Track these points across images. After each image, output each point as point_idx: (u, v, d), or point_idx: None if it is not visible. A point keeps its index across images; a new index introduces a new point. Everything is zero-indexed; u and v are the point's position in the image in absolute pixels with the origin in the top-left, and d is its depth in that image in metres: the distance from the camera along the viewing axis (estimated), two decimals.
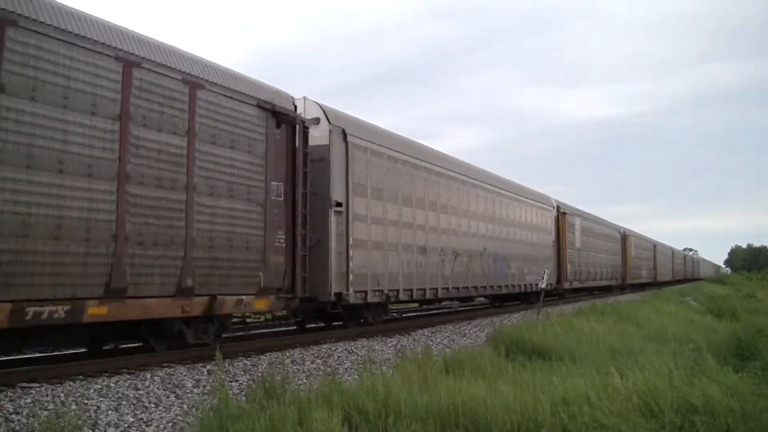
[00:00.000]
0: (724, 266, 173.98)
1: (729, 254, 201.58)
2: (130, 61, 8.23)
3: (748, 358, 10.43)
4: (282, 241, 10.51)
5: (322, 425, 5.25)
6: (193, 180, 8.98)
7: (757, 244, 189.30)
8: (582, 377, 7.10)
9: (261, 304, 10.26)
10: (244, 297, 9.82)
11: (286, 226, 10.59)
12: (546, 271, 19.89)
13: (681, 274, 73.91)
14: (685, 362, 7.82)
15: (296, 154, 10.93)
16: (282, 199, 10.57)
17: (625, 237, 41.60)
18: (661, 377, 6.67)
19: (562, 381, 6.90)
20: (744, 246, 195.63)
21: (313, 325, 14.04)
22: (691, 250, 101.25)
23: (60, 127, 7.35)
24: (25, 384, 7.05)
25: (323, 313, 12.96)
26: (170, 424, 6.31)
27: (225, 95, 9.68)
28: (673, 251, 69.10)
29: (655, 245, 55.65)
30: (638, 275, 45.51)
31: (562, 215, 27.86)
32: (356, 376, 7.98)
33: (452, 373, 7.75)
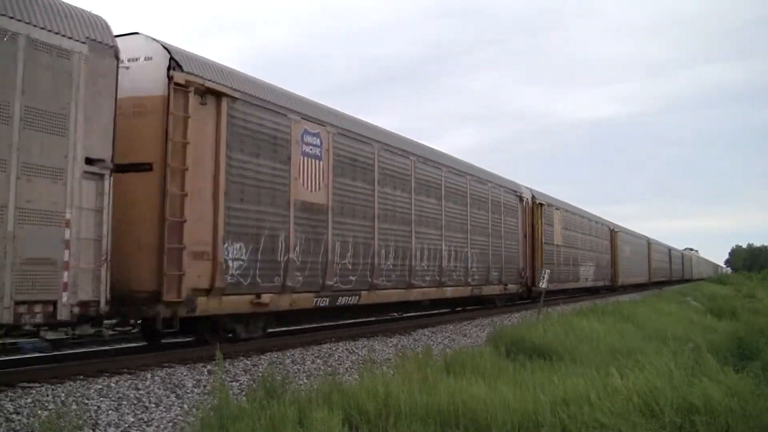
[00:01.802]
0: (724, 266, 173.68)
1: (730, 254, 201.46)
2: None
3: (748, 357, 10.42)
4: None
5: (323, 425, 5.25)
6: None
7: (757, 243, 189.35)
8: (582, 377, 7.10)
9: None
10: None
11: None
12: (547, 271, 19.84)
13: (664, 274, 55.94)
14: (685, 362, 7.81)
15: None
16: None
17: (535, 207, 23.24)
18: (662, 377, 6.66)
19: (562, 381, 6.90)
20: (744, 246, 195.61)
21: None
22: (691, 249, 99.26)
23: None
24: (25, 384, 7.05)
25: None
26: (171, 424, 6.32)
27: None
28: (649, 243, 50.37)
29: (613, 230, 37.26)
30: (571, 276, 27.27)
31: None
32: (357, 376, 7.98)
33: (453, 373, 7.75)
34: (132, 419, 6.32)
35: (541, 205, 23.90)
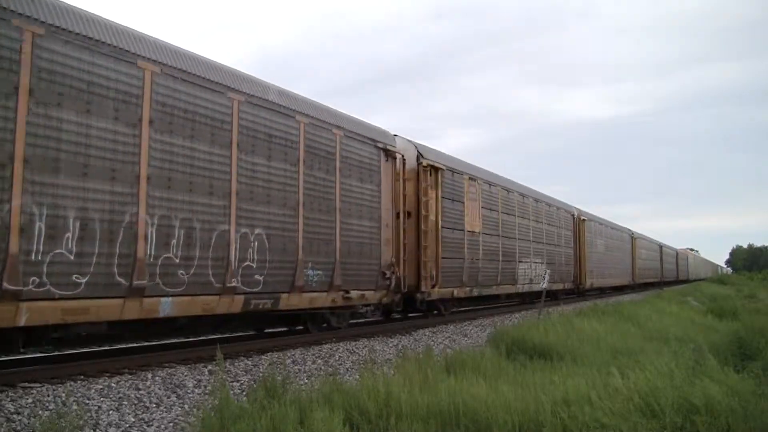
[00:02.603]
0: (724, 266, 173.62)
1: (730, 254, 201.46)
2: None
3: (749, 358, 10.42)
4: None
5: (323, 425, 5.25)
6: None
7: (758, 243, 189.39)
8: (583, 377, 7.10)
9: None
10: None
11: None
12: (548, 271, 19.82)
13: (653, 275, 49.51)
14: (686, 362, 7.81)
15: None
16: None
17: (424, 172, 14.98)
18: (662, 377, 6.67)
19: (563, 381, 6.90)
20: (745, 246, 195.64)
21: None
22: (692, 249, 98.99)
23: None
24: (26, 384, 7.06)
25: None
26: (171, 424, 6.32)
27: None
28: (634, 238, 42.16)
29: (578, 217, 29.06)
30: (502, 277, 19.34)
31: None
32: (357, 376, 7.98)
33: (453, 373, 7.75)
34: (133, 419, 6.33)
35: (434, 169, 15.32)
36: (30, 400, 6.43)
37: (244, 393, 7.28)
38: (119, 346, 10.01)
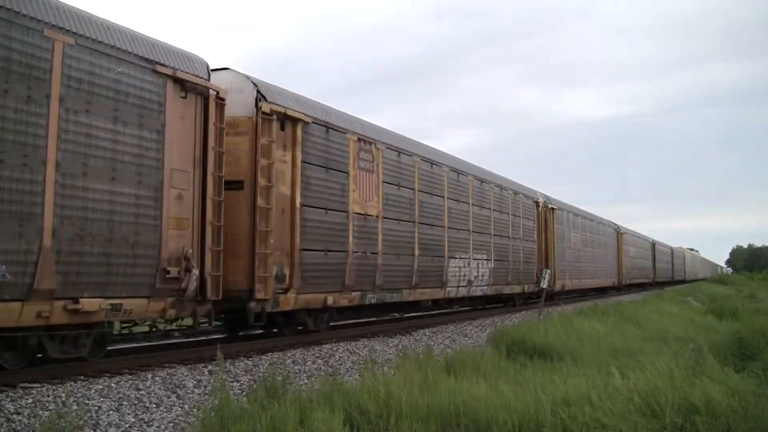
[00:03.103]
0: (725, 266, 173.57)
1: (730, 254, 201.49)
2: None
3: (749, 358, 10.43)
4: None
5: (324, 425, 5.26)
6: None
7: (758, 244, 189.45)
8: (583, 377, 7.11)
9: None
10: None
11: None
12: (548, 271, 19.79)
13: (645, 275, 44.72)
14: (686, 362, 7.82)
15: None
16: None
17: (293, 126, 10.52)
18: (663, 377, 6.67)
19: (563, 381, 6.91)
20: (745, 246, 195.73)
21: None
22: (692, 249, 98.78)
23: None
24: (26, 384, 7.05)
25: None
26: (171, 424, 6.32)
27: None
28: (620, 233, 37.02)
29: (545, 205, 23.95)
30: (422, 278, 14.29)
31: None
32: (357, 377, 7.98)
33: (453, 373, 7.76)
34: (133, 419, 6.33)
35: (291, 120, 10.64)
36: (30, 400, 6.43)
37: (244, 393, 7.27)
38: (119, 347, 10.01)
